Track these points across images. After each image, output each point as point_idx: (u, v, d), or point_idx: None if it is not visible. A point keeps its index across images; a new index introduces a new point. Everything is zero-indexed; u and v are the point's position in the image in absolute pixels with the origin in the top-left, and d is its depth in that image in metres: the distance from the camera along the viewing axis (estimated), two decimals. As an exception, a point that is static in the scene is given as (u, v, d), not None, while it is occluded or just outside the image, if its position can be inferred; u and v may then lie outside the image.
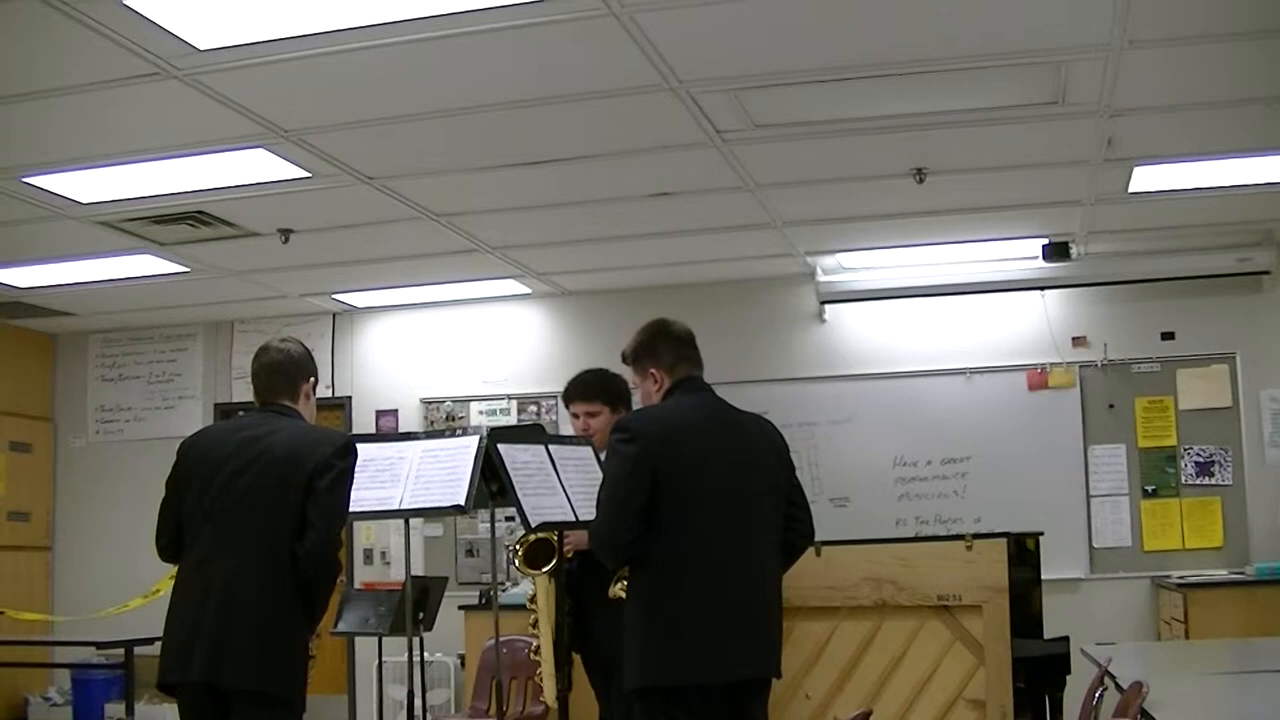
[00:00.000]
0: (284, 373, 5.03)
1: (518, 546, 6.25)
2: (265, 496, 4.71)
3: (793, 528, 5.18)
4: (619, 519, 4.88)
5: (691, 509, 4.87)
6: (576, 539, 6.02)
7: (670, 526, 4.83)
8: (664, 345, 5.20)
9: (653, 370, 5.18)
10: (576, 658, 6.22)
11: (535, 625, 6.31)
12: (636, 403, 5.94)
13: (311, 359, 5.16)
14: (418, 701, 6.30)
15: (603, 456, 6.23)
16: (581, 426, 6.41)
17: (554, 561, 5.99)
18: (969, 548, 6.90)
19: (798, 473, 5.38)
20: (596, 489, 5.41)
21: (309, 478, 4.68)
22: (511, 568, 9.92)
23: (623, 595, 5.41)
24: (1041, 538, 7.64)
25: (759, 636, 4.95)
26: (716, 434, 5.05)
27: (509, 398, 11.40)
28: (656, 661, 4.81)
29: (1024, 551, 7.43)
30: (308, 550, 4.65)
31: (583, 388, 6.48)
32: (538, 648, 6.29)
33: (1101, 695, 4.67)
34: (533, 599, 6.36)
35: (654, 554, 4.85)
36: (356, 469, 5.05)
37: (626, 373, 6.29)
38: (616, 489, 4.91)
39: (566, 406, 6.53)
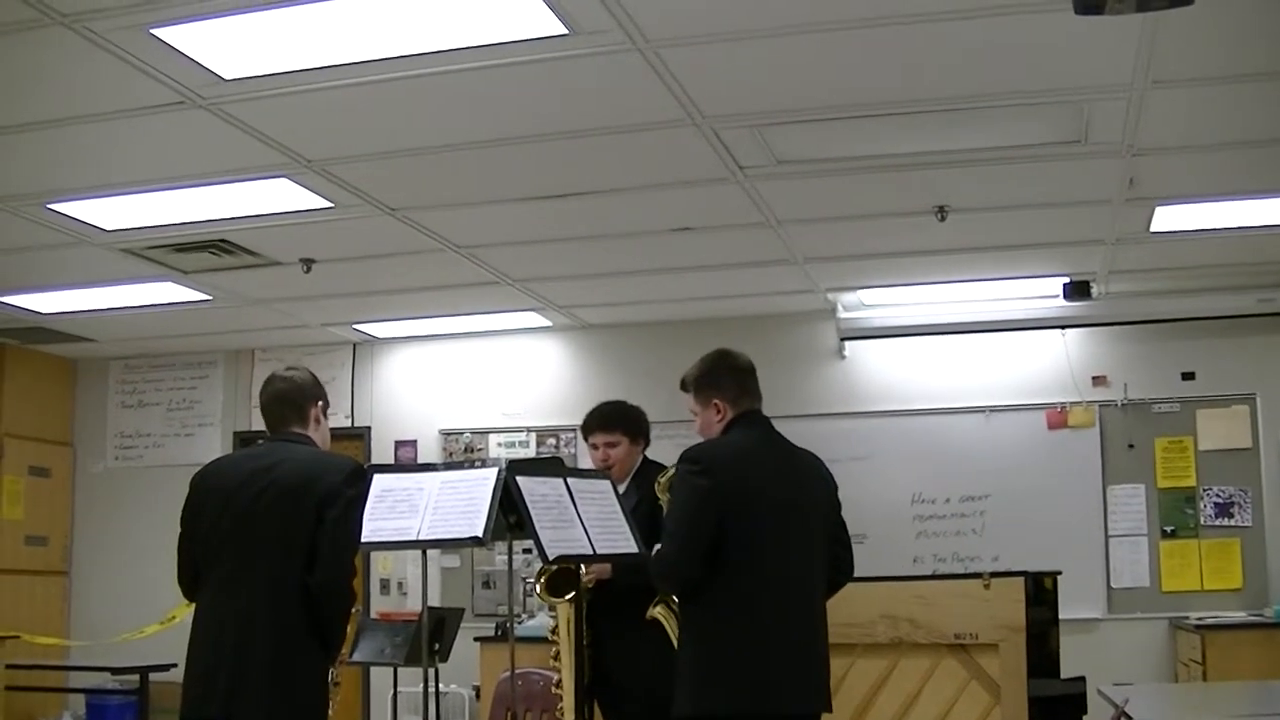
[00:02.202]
0: (290, 401, 5.00)
1: (540, 577, 6.25)
2: (276, 528, 4.67)
3: (836, 565, 5.18)
4: (688, 552, 4.85)
5: (754, 544, 4.85)
6: (598, 569, 6.03)
7: (732, 560, 4.82)
8: (728, 377, 5.18)
9: (716, 401, 5.15)
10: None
11: (557, 658, 6.29)
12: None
13: (318, 383, 5.10)
14: (432, 733, 6.29)
15: (620, 488, 6.26)
16: (601, 457, 6.41)
17: (574, 591, 6.00)
18: (986, 586, 6.87)
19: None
20: (614, 523, 5.40)
21: (319, 507, 4.64)
22: (529, 600, 9.93)
23: (660, 618, 5.40)
24: (1059, 577, 7.61)
25: (813, 672, 4.94)
26: (779, 471, 5.05)
27: (528, 430, 11.41)
28: (711, 692, 4.79)
29: (1042, 591, 7.39)
30: (320, 583, 4.61)
31: (603, 418, 6.48)
32: (559, 681, 6.27)
33: (1118, 737, 4.64)
34: (554, 630, 6.35)
35: (714, 586, 4.84)
36: (375, 499, 5.03)
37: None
38: (688, 522, 4.89)
39: (585, 437, 6.54)
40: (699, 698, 4.81)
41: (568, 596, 6.09)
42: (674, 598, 5.29)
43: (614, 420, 6.46)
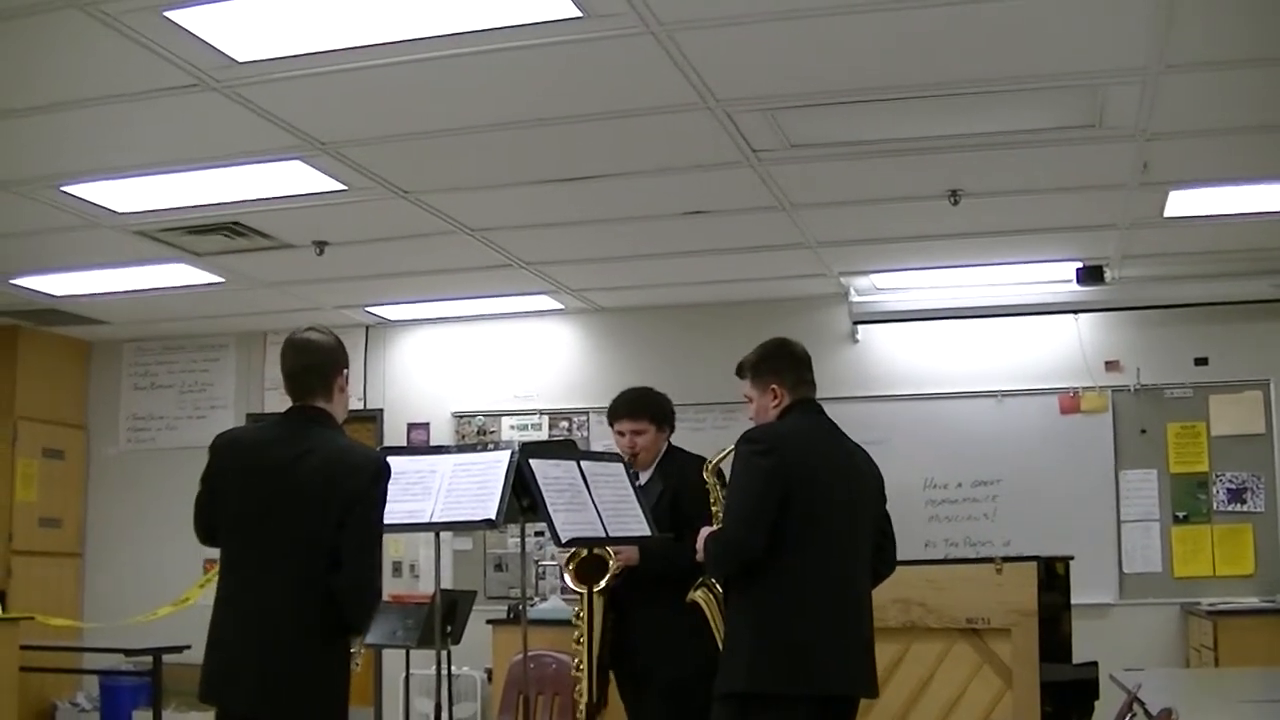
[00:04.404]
0: (318, 371, 4.90)
1: (569, 563, 6.28)
2: (300, 527, 4.62)
3: (880, 556, 5.24)
4: (752, 532, 4.86)
5: (814, 527, 4.88)
6: (626, 555, 6.05)
7: (792, 542, 4.84)
8: (787, 364, 5.20)
9: (774, 386, 5.16)
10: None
11: (580, 641, 6.28)
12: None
13: (343, 349, 4.97)
14: (444, 715, 6.29)
15: (642, 477, 6.28)
16: (627, 444, 6.39)
17: (605, 579, 6.04)
18: (999, 571, 6.88)
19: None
20: (627, 505, 5.41)
21: (342, 508, 4.62)
22: (541, 582, 9.93)
23: (701, 602, 5.41)
24: (1071, 562, 7.61)
25: (864, 657, 4.98)
26: (835, 458, 5.09)
27: (540, 413, 11.41)
28: (765, 670, 4.80)
29: (1053, 576, 7.39)
30: (344, 587, 4.57)
31: (630, 405, 6.46)
32: (579, 664, 6.26)
33: (1130, 722, 4.64)
34: (578, 615, 6.33)
35: (770, 566, 4.85)
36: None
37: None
38: (753, 501, 4.90)
39: (612, 423, 6.51)
40: (753, 675, 4.82)
41: (597, 588, 6.10)
42: (716, 583, 5.31)
43: (641, 408, 6.44)
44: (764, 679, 4.81)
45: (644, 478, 6.36)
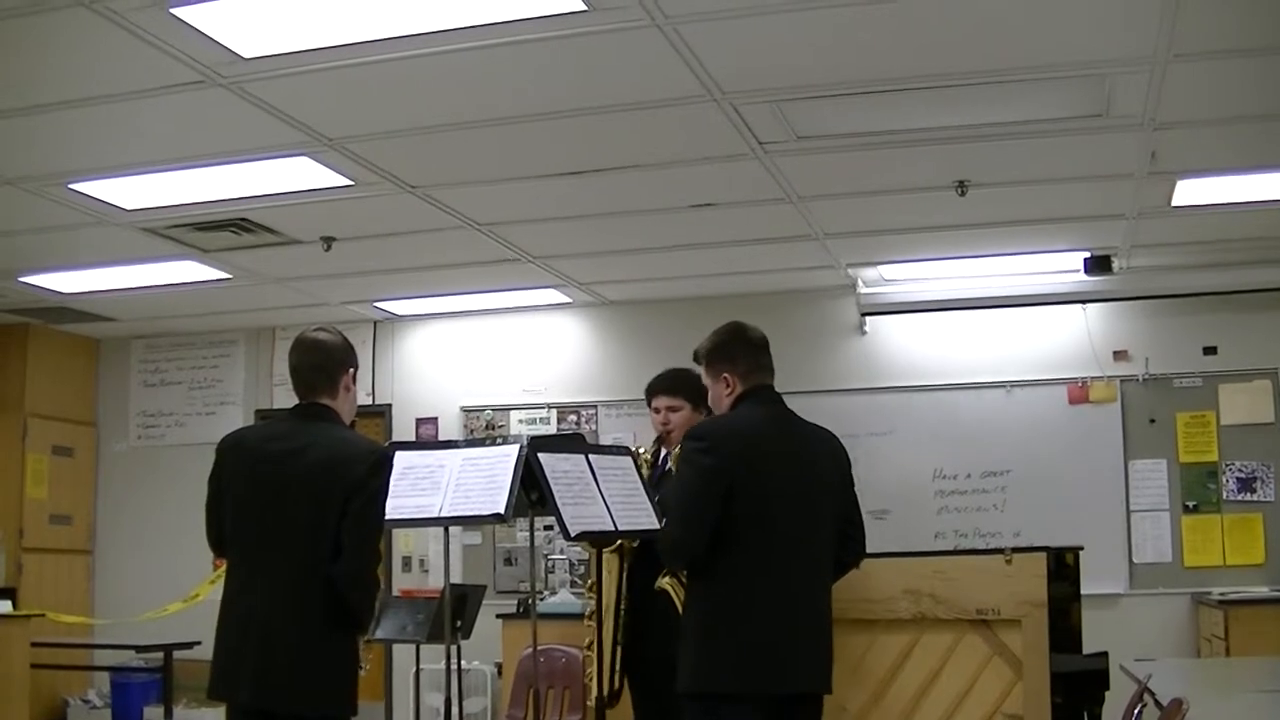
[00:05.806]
0: (323, 369, 4.93)
1: None
2: (303, 518, 4.65)
3: (844, 545, 5.16)
4: (693, 530, 4.84)
5: (761, 523, 4.83)
6: None
7: (739, 538, 4.80)
8: (741, 350, 5.13)
9: (726, 374, 5.11)
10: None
11: (591, 617, 6.27)
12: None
13: (350, 348, 5.02)
14: (455, 710, 6.29)
15: (675, 453, 6.29)
16: (661, 420, 6.42)
17: (618, 541, 6.03)
18: (1008, 561, 6.85)
19: (841, 487, 5.36)
20: (636, 498, 5.40)
21: (343, 499, 4.63)
22: (551, 576, 9.93)
23: (668, 588, 5.40)
24: (1081, 552, 7.59)
25: (817, 651, 4.94)
26: (789, 449, 5.01)
27: (549, 407, 11.42)
28: (715, 667, 4.79)
29: (1063, 566, 7.37)
30: (343, 576, 4.60)
31: (669, 382, 6.49)
32: (591, 643, 6.25)
33: (1141, 712, 4.64)
34: (591, 586, 6.32)
35: (720, 563, 4.83)
36: (397, 476, 5.01)
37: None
38: (693, 500, 4.88)
39: (649, 400, 6.52)
40: (701, 675, 4.82)
41: (609, 547, 6.08)
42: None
43: (679, 385, 6.47)
44: (712, 679, 4.79)
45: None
